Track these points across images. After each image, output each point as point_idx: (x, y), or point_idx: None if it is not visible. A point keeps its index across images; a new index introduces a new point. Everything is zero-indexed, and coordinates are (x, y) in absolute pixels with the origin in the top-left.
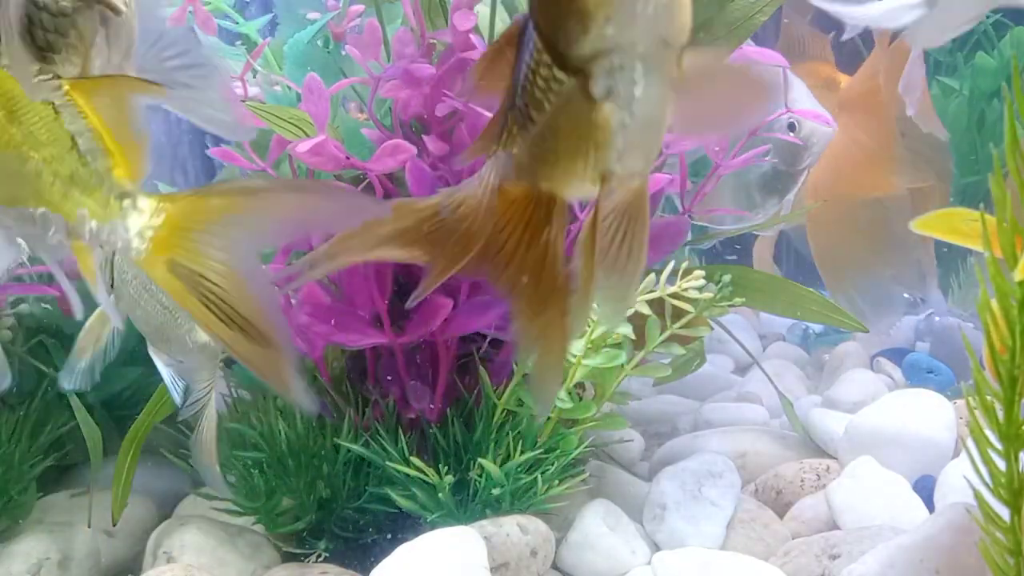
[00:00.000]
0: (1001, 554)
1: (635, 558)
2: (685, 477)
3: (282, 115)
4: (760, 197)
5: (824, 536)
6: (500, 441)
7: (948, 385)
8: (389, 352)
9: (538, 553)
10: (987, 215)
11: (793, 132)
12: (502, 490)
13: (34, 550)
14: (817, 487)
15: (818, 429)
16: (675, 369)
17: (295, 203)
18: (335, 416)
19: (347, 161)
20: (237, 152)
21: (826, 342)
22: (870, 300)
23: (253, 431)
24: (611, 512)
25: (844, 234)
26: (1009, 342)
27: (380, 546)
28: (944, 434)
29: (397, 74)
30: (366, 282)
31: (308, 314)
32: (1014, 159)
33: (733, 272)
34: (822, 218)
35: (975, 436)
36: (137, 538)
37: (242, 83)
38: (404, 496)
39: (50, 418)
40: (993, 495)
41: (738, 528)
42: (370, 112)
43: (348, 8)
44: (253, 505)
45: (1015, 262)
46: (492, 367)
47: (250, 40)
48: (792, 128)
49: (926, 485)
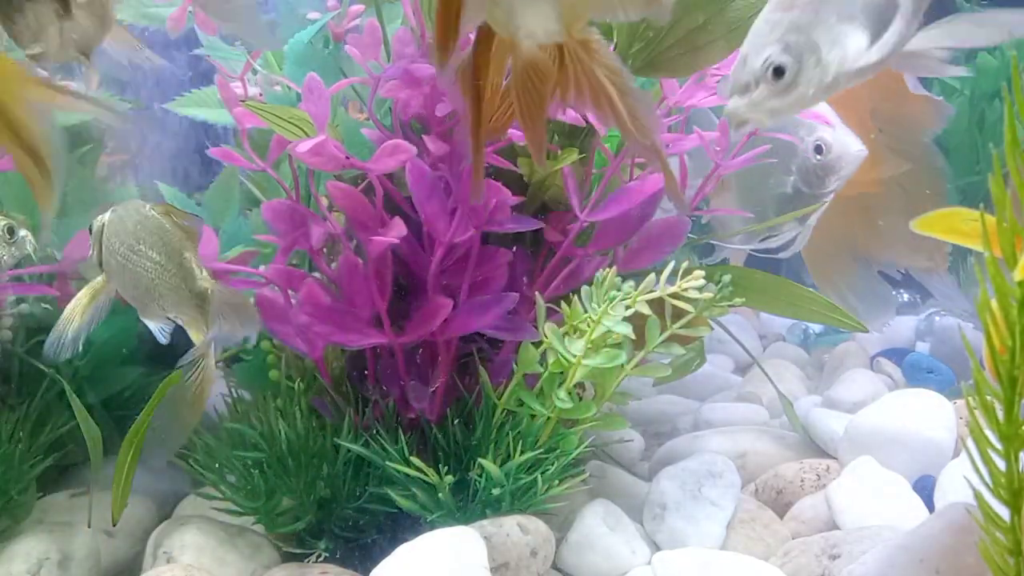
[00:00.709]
0: (1001, 554)
1: (635, 558)
2: (685, 477)
3: (282, 115)
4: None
5: (824, 536)
6: (500, 441)
7: (948, 385)
8: (389, 352)
9: (538, 553)
10: (987, 215)
11: (820, 155)
12: (502, 490)
13: (34, 550)
14: (817, 487)
15: (818, 429)
16: (675, 369)
17: None
18: (335, 416)
19: (347, 161)
20: (237, 152)
21: (826, 342)
22: (861, 298)
23: (253, 431)
24: (611, 512)
25: (829, 231)
26: (1009, 342)
27: (380, 546)
28: (944, 434)
29: (397, 74)
30: (366, 282)
31: (308, 314)
32: (1014, 159)
33: (733, 272)
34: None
35: (975, 436)
36: (137, 538)
37: (242, 83)
38: (404, 496)
39: (50, 418)
40: (993, 495)
41: (738, 528)
42: (370, 112)
43: (348, 8)
44: (253, 505)
45: (1015, 262)
46: (492, 367)
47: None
48: (819, 151)
49: (926, 485)
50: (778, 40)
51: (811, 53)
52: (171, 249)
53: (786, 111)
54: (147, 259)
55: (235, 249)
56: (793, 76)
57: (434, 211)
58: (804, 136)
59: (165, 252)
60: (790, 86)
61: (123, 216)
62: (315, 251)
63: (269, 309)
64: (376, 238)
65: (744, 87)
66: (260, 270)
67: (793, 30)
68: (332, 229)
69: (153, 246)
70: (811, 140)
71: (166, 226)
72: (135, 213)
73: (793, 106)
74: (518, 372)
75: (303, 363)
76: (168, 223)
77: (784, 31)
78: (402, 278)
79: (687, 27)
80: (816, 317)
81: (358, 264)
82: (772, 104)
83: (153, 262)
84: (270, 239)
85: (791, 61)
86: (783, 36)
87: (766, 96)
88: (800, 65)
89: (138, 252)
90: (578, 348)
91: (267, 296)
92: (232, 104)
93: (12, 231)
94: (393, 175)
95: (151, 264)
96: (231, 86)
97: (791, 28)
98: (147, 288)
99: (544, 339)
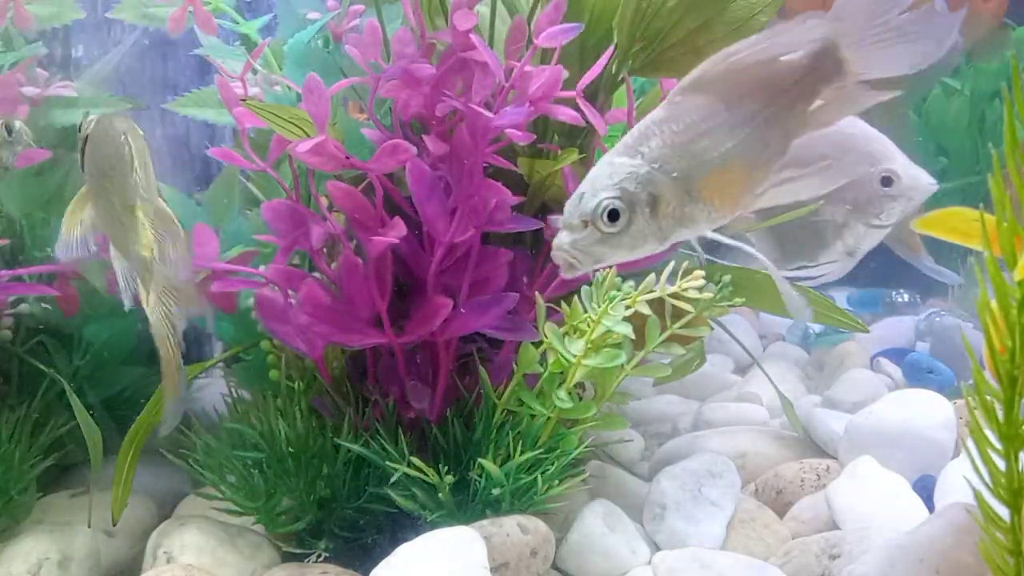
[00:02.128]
0: (1001, 554)
1: (635, 558)
2: (685, 477)
3: (282, 115)
4: (821, 251)
5: (824, 536)
6: (500, 441)
7: (948, 385)
8: (389, 352)
9: (538, 553)
10: (987, 215)
11: (888, 187)
12: (502, 490)
13: (34, 550)
14: (817, 487)
15: (818, 429)
16: (675, 369)
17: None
18: (335, 416)
19: (347, 161)
20: (237, 152)
21: (826, 342)
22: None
23: (253, 431)
24: (611, 512)
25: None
26: (1009, 342)
27: (380, 546)
28: (944, 434)
29: (397, 74)
30: (366, 282)
31: (308, 314)
32: (1014, 159)
33: (733, 272)
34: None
35: (975, 436)
36: (137, 538)
37: (242, 83)
38: (404, 496)
39: (50, 418)
40: (993, 495)
41: (738, 528)
42: (370, 112)
43: (348, 8)
44: (253, 505)
45: (1015, 262)
46: (492, 367)
47: (250, 40)
48: (887, 183)
49: (926, 485)
50: (616, 185)
51: (648, 205)
52: (125, 201)
53: (612, 259)
54: (112, 195)
55: (235, 249)
56: (625, 224)
57: (434, 211)
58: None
59: (121, 200)
60: (620, 233)
61: (101, 141)
62: (315, 251)
63: (269, 309)
64: (376, 238)
65: (575, 226)
66: (260, 270)
67: (633, 179)
68: (332, 229)
69: (116, 189)
70: (877, 171)
71: (130, 175)
72: (112, 142)
73: (621, 254)
74: (518, 372)
75: (303, 363)
76: (130, 166)
77: (623, 178)
78: (402, 278)
79: (687, 27)
80: (816, 317)
81: (358, 264)
82: (598, 249)
83: (115, 202)
84: (270, 239)
85: (625, 208)
86: (621, 182)
87: (595, 240)
88: (633, 214)
89: (106, 187)
90: (578, 348)
91: (267, 296)
92: (232, 104)
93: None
94: (393, 175)
95: (116, 202)
96: (231, 86)
97: (632, 176)
98: (109, 224)
99: (544, 339)
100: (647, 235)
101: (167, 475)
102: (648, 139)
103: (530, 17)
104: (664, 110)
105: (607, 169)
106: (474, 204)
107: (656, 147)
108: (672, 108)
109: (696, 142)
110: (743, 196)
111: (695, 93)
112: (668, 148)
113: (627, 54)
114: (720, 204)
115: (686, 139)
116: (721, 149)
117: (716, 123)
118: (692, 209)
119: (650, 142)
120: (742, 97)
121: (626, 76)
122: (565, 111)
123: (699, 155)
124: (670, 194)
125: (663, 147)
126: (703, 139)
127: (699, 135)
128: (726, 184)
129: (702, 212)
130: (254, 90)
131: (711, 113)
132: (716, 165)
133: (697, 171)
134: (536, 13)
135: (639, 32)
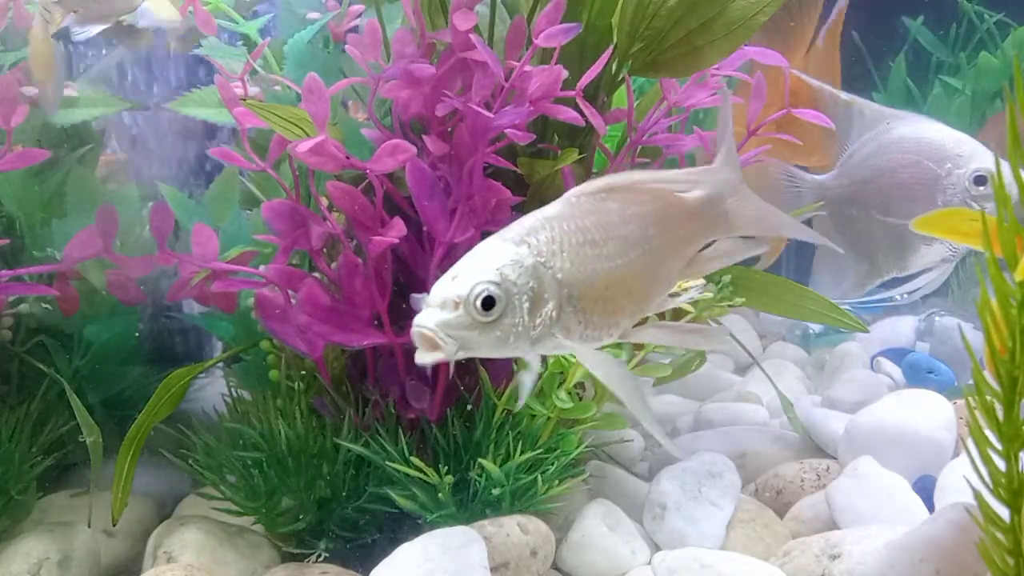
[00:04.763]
0: (1001, 554)
1: (635, 558)
2: (685, 477)
3: (282, 115)
4: (912, 258)
5: (824, 536)
6: (500, 441)
7: (948, 385)
8: (389, 352)
9: (538, 553)
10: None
11: (983, 186)
12: (502, 490)
13: (34, 550)
14: (817, 487)
15: (818, 429)
16: (675, 369)
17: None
18: (335, 416)
19: (347, 161)
20: (237, 152)
21: (826, 342)
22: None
23: (253, 431)
24: (611, 512)
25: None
26: (1009, 342)
27: (380, 546)
28: (944, 434)
29: (397, 74)
30: (366, 282)
31: (308, 314)
32: (1014, 159)
33: (733, 272)
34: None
35: (975, 436)
36: (137, 538)
37: (242, 83)
38: (404, 496)
39: (50, 418)
40: (993, 495)
41: (738, 528)
42: (370, 112)
43: (348, 8)
44: (253, 505)
45: (1015, 262)
46: (492, 367)
47: (250, 40)
48: (980, 182)
49: (926, 485)
50: (497, 270)
51: (528, 299)
52: None
53: (478, 351)
54: None
55: (235, 249)
56: (499, 315)
57: (434, 211)
58: (951, 168)
59: None
60: (491, 325)
61: None
62: (315, 251)
63: (269, 309)
64: (376, 238)
65: (446, 304)
66: (260, 270)
67: (516, 267)
68: (332, 229)
69: None
70: (968, 171)
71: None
72: None
73: (485, 349)
74: (518, 372)
75: (303, 363)
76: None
77: (505, 264)
78: (402, 278)
79: (687, 27)
80: (816, 317)
81: (358, 264)
82: (467, 335)
83: None
84: (270, 239)
85: (502, 297)
86: (503, 268)
87: (465, 324)
88: (510, 306)
89: None
90: None
91: (267, 296)
92: (232, 104)
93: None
94: (393, 175)
95: None
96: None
97: (515, 264)
98: None
99: None
100: (518, 334)
101: (167, 475)
102: (537, 231)
103: (530, 17)
104: (559, 207)
105: (490, 251)
106: (474, 204)
107: (544, 241)
108: (568, 207)
109: (586, 248)
110: (620, 319)
111: (594, 199)
112: (556, 245)
113: (627, 54)
114: (597, 321)
115: (576, 241)
116: (609, 264)
117: (609, 235)
118: (569, 319)
119: (539, 234)
120: (641, 218)
121: (626, 76)
122: (565, 111)
123: (586, 262)
124: (550, 294)
125: (551, 243)
126: (594, 247)
127: (590, 242)
128: (608, 300)
129: (578, 326)
130: (254, 90)
131: (606, 223)
132: (602, 277)
133: (581, 277)
134: (536, 13)
135: (639, 32)
